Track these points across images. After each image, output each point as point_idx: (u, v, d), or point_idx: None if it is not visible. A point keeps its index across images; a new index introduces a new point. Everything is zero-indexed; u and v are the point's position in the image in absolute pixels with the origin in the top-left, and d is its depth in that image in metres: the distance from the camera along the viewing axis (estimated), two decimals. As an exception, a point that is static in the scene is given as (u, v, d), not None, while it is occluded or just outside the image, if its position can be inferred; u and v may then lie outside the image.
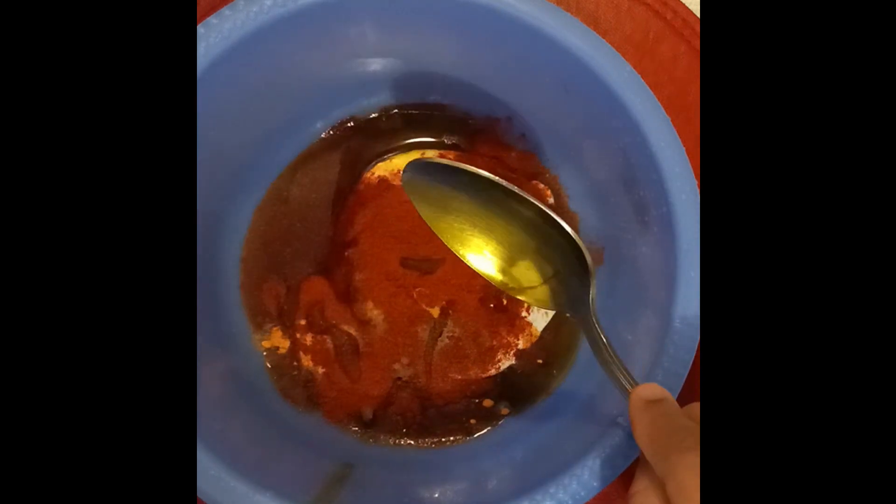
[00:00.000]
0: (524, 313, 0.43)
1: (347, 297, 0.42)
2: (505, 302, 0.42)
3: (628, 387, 0.29)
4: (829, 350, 0.22)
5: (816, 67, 0.23)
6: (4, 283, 0.22)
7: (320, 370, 0.41)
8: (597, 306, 0.32)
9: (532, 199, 0.33)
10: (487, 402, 0.41)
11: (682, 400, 0.31)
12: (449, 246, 0.37)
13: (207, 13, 0.35)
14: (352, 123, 0.45)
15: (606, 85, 0.34)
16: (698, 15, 0.45)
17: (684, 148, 0.34)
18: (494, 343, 0.42)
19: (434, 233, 0.36)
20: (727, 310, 0.23)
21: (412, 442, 0.40)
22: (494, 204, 0.34)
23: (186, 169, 0.25)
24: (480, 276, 0.36)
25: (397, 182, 0.44)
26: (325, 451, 0.39)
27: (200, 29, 0.34)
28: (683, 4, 0.45)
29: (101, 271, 0.23)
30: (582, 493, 0.30)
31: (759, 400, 0.22)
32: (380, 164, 0.45)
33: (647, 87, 0.34)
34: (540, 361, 0.42)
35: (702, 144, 0.25)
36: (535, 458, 0.36)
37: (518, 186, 0.32)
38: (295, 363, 0.41)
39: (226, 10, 0.34)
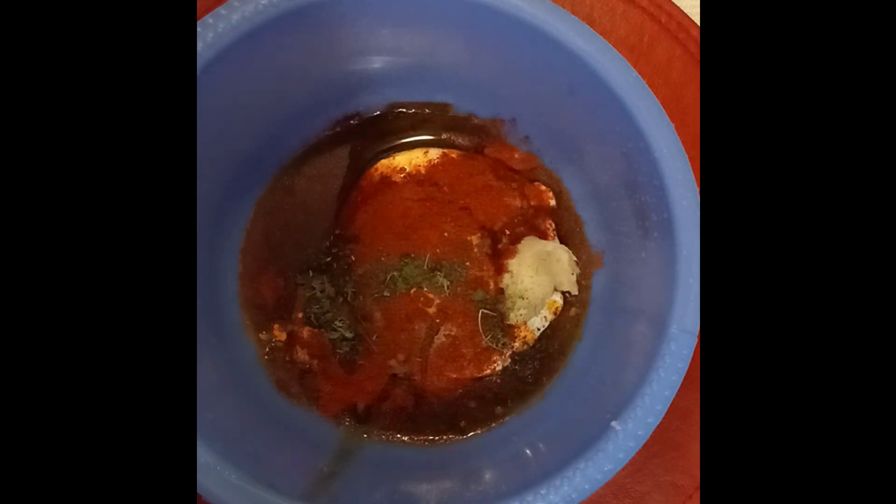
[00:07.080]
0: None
1: (346, 291, 0.42)
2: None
3: None
4: (826, 357, 0.22)
5: (817, 74, 0.23)
6: (9, 270, 0.22)
7: (316, 363, 0.41)
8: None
9: None
10: (481, 403, 0.41)
11: (675, 406, 0.31)
12: None
13: (208, 11, 0.34)
14: (355, 120, 0.45)
15: (611, 89, 0.34)
16: (693, 18, 0.44)
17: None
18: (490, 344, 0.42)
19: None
20: (727, 317, 0.23)
21: (405, 438, 0.40)
22: None
23: (186, 161, 0.25)
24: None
25: (399, 179, 0.44)
26: (318, 444, 0.39)
27: (200, 27, 0.33)
28: (678, 8, 0.44)
29: (102, 261, 0.23)
30: (573, 496, 0.30)
31: (757, 406, 0.22)
32: (383, 161, 0.45)
33: (652, 93, 0.34)
34: (534, 364, 0.42)
35: (702, 152, 0.25)
36: (526, 459, 0.36)
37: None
38: (291, 356, 0.41)
39: (224, 9, 0.33)
